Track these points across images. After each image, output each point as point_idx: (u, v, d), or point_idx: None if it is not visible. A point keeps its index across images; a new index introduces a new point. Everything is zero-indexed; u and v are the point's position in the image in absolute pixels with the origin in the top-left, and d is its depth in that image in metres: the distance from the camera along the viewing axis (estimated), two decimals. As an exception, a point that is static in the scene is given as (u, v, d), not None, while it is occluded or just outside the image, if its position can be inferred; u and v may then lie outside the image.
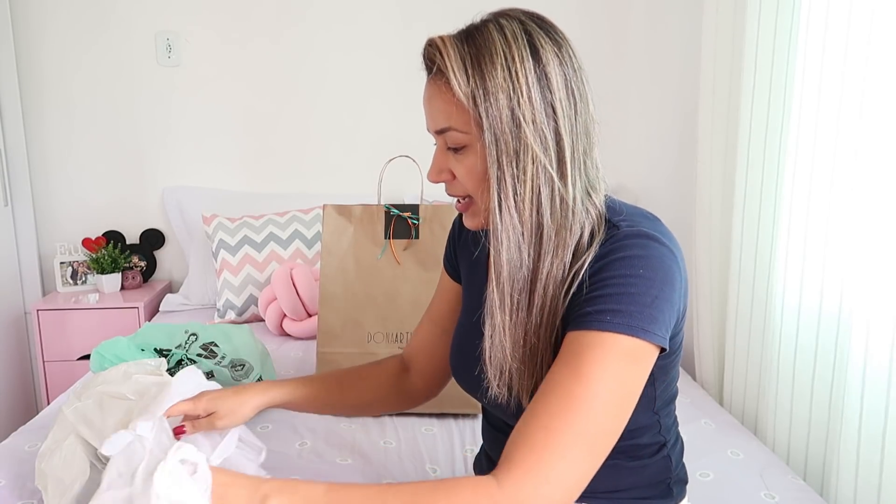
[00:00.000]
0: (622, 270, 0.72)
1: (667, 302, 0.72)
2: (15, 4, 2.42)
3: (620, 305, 0.71)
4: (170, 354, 1.39)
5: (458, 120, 0.76)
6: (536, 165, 0.73)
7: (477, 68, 0.73)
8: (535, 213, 0.75)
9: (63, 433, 1.06)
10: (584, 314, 0.73)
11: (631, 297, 0.71)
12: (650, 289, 0.71)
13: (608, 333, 0.71)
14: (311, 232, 2.32)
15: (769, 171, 1.52)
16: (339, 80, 2.57)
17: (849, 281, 1.28)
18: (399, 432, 1.40)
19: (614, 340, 0.70)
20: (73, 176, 2.55)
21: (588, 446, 0.69)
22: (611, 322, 0.71)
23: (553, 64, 0.74)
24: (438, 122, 0.78)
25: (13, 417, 2.37)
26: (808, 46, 1.37)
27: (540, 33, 0.75)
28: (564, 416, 0.69)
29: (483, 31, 0.75)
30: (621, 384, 0.71)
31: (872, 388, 1.18)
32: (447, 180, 0.82)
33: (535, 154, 0.73)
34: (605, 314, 0.71)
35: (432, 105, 0.79)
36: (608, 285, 0.72)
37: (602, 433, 0.70)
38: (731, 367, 1.69)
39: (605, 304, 0.72)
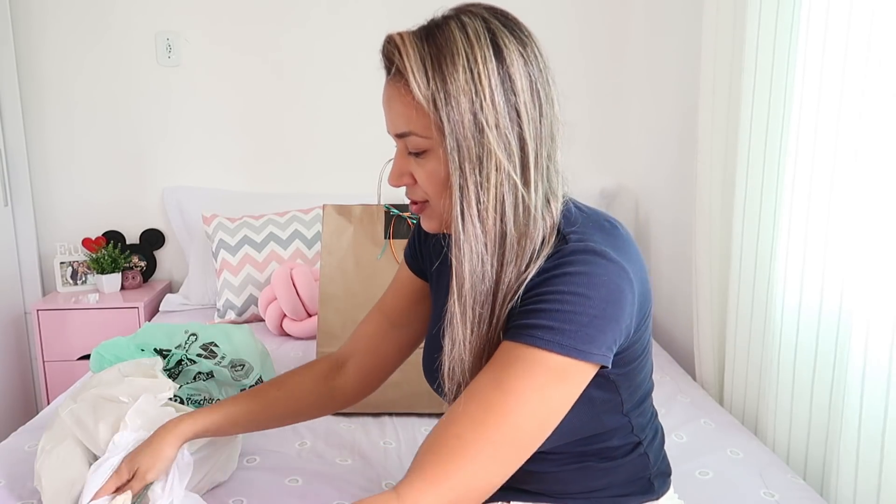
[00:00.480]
0: (562, 287, 0.69)
1: (610, 321, 0.69)
2: (15, 4, 2.42)
3: (554, 322, 0.68)
4: (170, 354, 1.39)
5: (418, 124, 0.73)
6: (500, 172, 0.70)
7: (437, 70, 0.70)
8: (499, 221, 0.72)
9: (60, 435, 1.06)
10: (519, 326, 0.71)
11: (567, 316, 0.68)
12: (589, 308, 0.68)
13: (537, 349, 0.68)
14: (311, 232, 2.32)
15: (769, 171, 1.52)
16: (340, 79, 2.57)
17: (849, 281, 1.28)
18: (399, 432, 1.40)
19: (543, 357, 0.68)
20: (73, 176, 2.55)
21: (497, 457, 0.68)
22: (542, 338, 0.68)
23: (517, 64, 0.71)
24: (398, 126, 0.75)
25: (13, 417, 2.37)
26: (808, 46, 1.37)
27: (504, 31, 0.72)
28: (479, 427, 0.68)
29: (444, 30, 0.72)
30: (543, 401, 0.69)
31: (872, 388, 1.18)
32: (408, 184, 0.79)
33: (499, 160, 0.70)
34: (537, 329, 0.69)
35: (391, 108, 0.76)
36: (546, 300, 0.70)
37: (513, 446, 0.69)
38: (732, 367, 1.69)
39: (539, 319, 0.69)
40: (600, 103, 2.58)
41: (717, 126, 1.72)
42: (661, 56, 2.33)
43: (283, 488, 1.16)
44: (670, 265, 2.31)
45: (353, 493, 1.16)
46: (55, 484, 1.00)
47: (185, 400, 1.36)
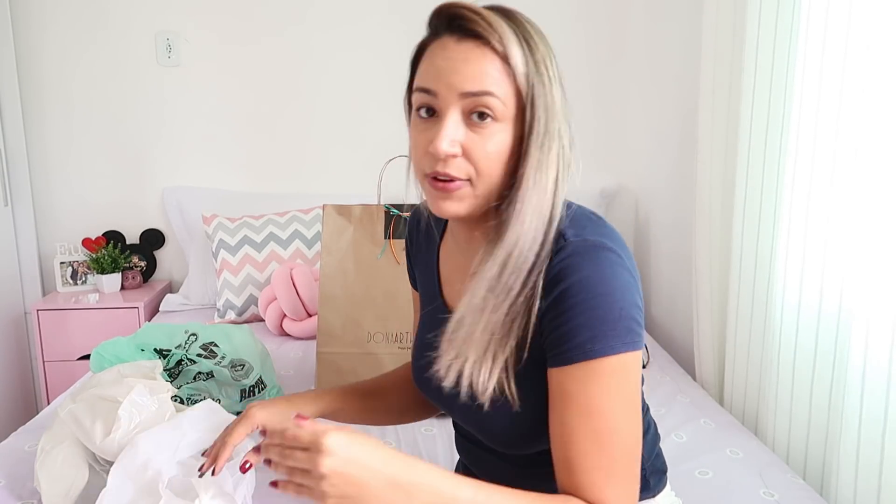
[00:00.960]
0: (582, 295, 0.71)
1: (632, 307, 0.72)
2: (15, 4, 2.42)
3: (594, 330, 0.70)
4: (170, 354, 1.39)
5: (503, 90, 0.72)
6: (560, 149, 0.74)
7: (527, 44, 0.73)
8: (554, 196, 0.74)
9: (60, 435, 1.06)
10: (565, 350, 0.72)
11: (601, 319, 0.70)
12: (614, 303, 0.71)
13: (595, 361, 0.71)
14: (311, 232, 2.32)
15: (769, 171, 1.52)
16: (340, 79, 2.57)
17: (849, 281, 1.28)
18: (399, 433, 1.40)
19: (604, 365, 0.71)
20: (73, 176, 2.55)
21: (633, 461, 0.74)
22: (592, 349, 0.70)
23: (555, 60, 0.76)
24: (479, 84, 0.71)
25: (13, 417, 2.37)
26: (807, 46, 1.37)
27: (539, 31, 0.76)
28: (605, 453, 0.71)
29: (515, 17, 0.75)
30: (626, 399, 0.73)
31: (872, 388, 1.18)
32: (454, 155, 0.73)
33: (562, 139, 0.74)
34: (585, 344, 0.71)
35: (472, 66, 0.72)
36: (576, 315, 0.71)
37: (635, 444, 0.74)
38: (732, 367, 1.69)
39: (580, 335, 0.71)
40: (600, 103, 2.58)
41: (717, 126, 1.72)
42: (661, 56, 2.33)
43: (283, 488, 1.16)
44: (670, 265, 2.31)
45: (353, 493, 1.16)
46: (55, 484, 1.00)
47: (185, 400, 1.36)
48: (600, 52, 2.57)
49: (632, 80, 2.55)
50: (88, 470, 1.02)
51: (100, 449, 0.99)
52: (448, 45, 0.73)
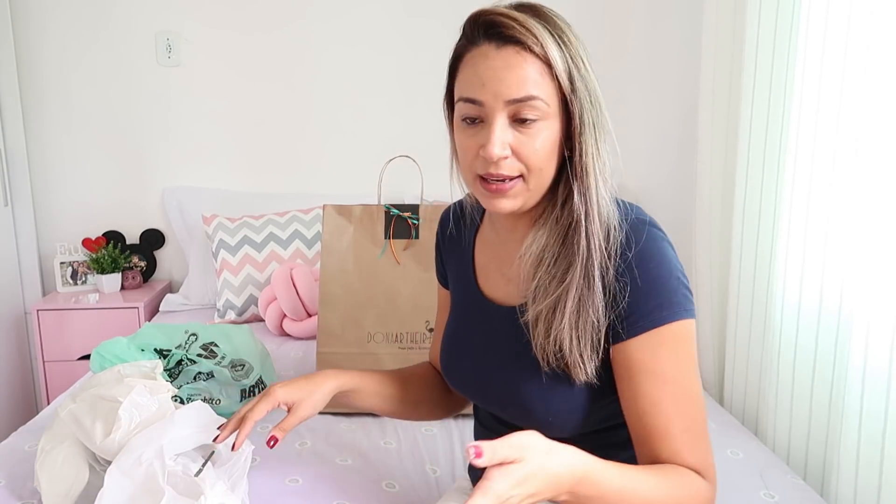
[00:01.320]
0: (644, 265, 0.76)
1: (683, 276, 0.78)
2: (15, 4, 2.42)
3: (659, 298, 0.76)
4: (170, 355, 1.39)
5: (546, 91, 0.76)
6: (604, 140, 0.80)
7: (563, 43, 0.76)
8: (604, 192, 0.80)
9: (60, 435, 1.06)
10: (634, 321, 0.76)
11: (664, 286, 0.76)
12: (672, 272, 0.77)
13: (663, 327, 0.76)
14: (311, 232, 2.32)
15: (769, 170, 1.52)
16: (339, 80, 2.57)
17: (849, 281, 1.28)
18: (399, 432, 1.40)
19: (671, 331, 0.76)
20: (73, 176, 2.55)
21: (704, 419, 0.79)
22: (660, 317, 0.75)
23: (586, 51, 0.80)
24: (523, 91, 0.75)
25: (13, 417, 2.37)
26: (807, 46, 1.37)
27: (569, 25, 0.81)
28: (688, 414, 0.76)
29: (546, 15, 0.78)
30: (693, 363, 0.78)
31: (872, 388, 1.18)
32: (507, 156, 0.78)
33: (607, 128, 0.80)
34: (653, 312, 0.75)
35: (515, 73, 0.75)
36: (639, 286, 0.76)
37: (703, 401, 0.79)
38: (732, 367, 1.69)
39: (647, 304, 0.76)
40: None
41: (717, 126, 1.72)
42: (661, 56, 2.33)
43: (283, 488, 1.16)
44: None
45: (353, 493, 1.16)
46: (55, 484, 1.00)
47: (185, 400, 1.36)
48: (600, 52, 2.56)
49: (632, 80, 2.55)
50: (88, 470, 1.02)
51: (100, 449, 0.99)
52: (489, 54, 0.77)
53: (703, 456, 0.77)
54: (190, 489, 0.88)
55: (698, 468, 0.76)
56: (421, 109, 2.53)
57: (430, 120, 2.51)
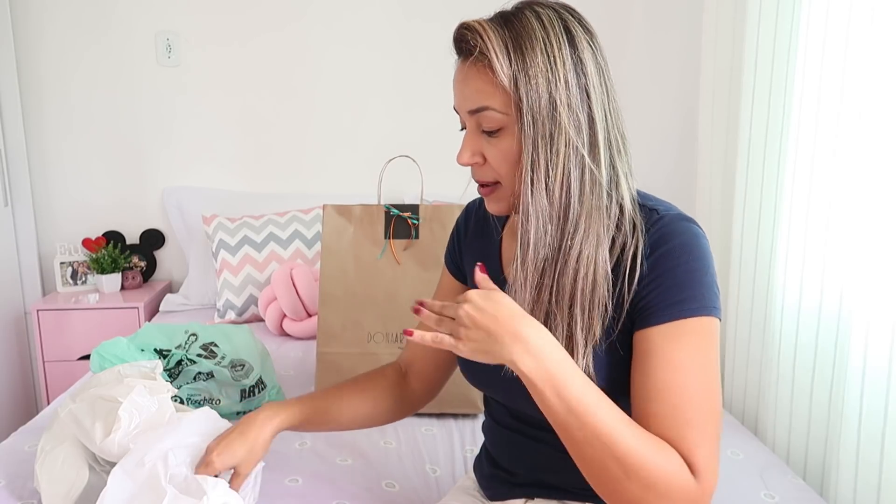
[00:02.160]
0: (682, 258, 0.76)
1: (715, 277, 0.78)
2: (15, 4, 2.42)
3: (693, 290, 0.75)
4: (170, 355, 1.39)
5: (498, 101, 0.77)
6: (569, 147, 0.76)
7: (518, 52, 0.76)
8: (565, 194, 0.77)
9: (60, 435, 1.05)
10: (662, 307, 0.76)
11: (699, 281, 0.75)
12: (707, 269, 0.76)
13: (692, 319, 0.75)
14: (311, 232, 2.32)
15: (769, 170, 1.52)
16: (339, 80, 2.57)
17: (849, 281, 1.28)
18: (399, 432, 1.40)
19: (700, 325, 0.75)
20: (73, 176, 2.55)
21: (717, 423, 0.75)
22: (690, 308, 0.75)
23: (586, 50, 0.78)
24: (476, 102, 0.79)
25: (13, 417, 2.37)
26: (807, 46, 1.37)
27: (573, 21, 0.79)
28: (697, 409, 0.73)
29: (521, 17, 0.78)
30: (713, 361, 0.76)
31: (872, 388, 1.18)
32: (478, 164, 0.82)
33: (569, 136, 0.76)
34: (683, 303, 0.75)
35: (469, 86, 0.79)
36: (674, 275, 0.76)
37: (719, 407, 0.76)
38: (732, 367, 1.69)
39: (680, 294, 0.75)
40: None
41: (717, 126, 1.72)
42: (662, 56, 2.33)
43: (283, 488, 1.16)
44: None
45: (353, 492, 1.16)
46: (55, 484, 1.00)
47: (186, 400, 1.36)
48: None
49: (632, 80, 2.55)
50: (88, 470, 1.01)
51: (100, 449, 0.99)
52: (458, 67, 0.81)
53: (702, 455, 0.72)
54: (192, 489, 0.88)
55: (691, 463, 0.72)
56: (421, 110, 2.53)
57: (430, 120, 2.52)
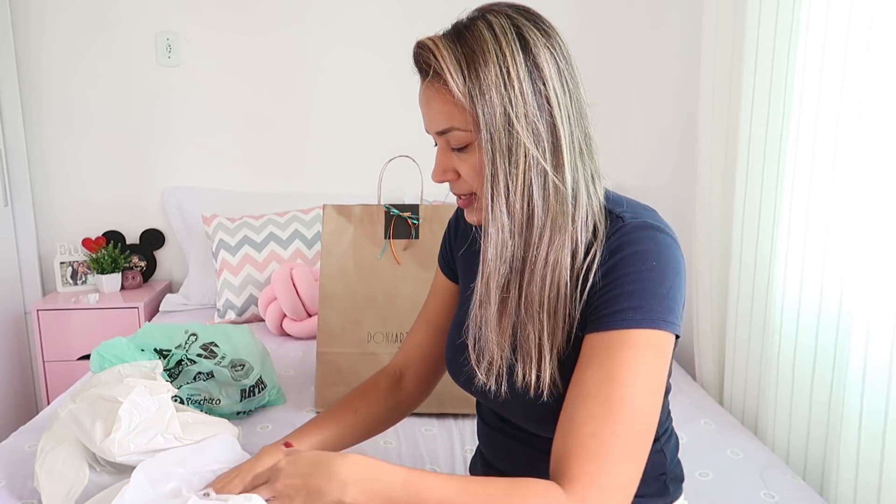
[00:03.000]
0: (636, 266, 0.74)
1: (678, 291, 0.75)
2: (15, 4, 2.42)
3: (640, 301, 0.73)
4: (170, 355, 1.39)
5: (459, 120, 0.76)
6: (528, 159, 0.74)
7: (472, 68, 0.74)
8: (526, 206, 0.76)
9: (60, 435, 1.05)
10: (606, 314, 0.74)
11: (649, 291, 0.73)
12: (664, 280, 0.73)
13: (633, 330, 0.72)
14: (311, 232, 2.31)
15: (769, 171, 1.52)
16: (339, 80, 2.57)
17: (848, 281, 1.28)
18: (399, 432, 1.40)
19: (640, 336, 0.72)
20: (73, 176, 2.55)
21: (636, 445, 0.71)
22: (633, 318, 0.72)
23: (544, 55, 0.75)
24: (440, 124, 0.79)
25: (13, 417, 2.37)
26: (807, 47, 1.37)
27: (528, 26, 0.76)
28: (609, 422, 0.70)
29: (473, 30, 0.76)
30: (652, 378, 0.72)
31: (872, 388, 1.18)
32: (451, 179, 0.83)
33: (528, 148, 0.74)
34: (626, 312, 0.73)
35: (431, 108, 0.79)
36: (625, 283, 0.74)
37: (645, 428, 0.72)
38: (731, 367, 1.69)
39: (625, 302, 0.73)
40: (600, 103, 2.57)
41: (717, 126, 1.72)
42: (661, 56, 2.33)
43: (283, 488, 1.15)
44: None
45: (353, 493, 1.16)
46: (55, 484, 1.00)
47: (186, 400, 1.36)
48: (600, 52, 2.57)
49: (632, 80, 2.55)
50: (88, 470, 1.01)
51: (100, 449, 0.99)
52: (420, 89, 0.80)
53: (592, 471, 0.68)
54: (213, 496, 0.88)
55: (574, 480, 0.68)
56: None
57: (430, 120, 2.52)
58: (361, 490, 0.69)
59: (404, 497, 0.69)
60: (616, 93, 2.59)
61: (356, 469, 0.70)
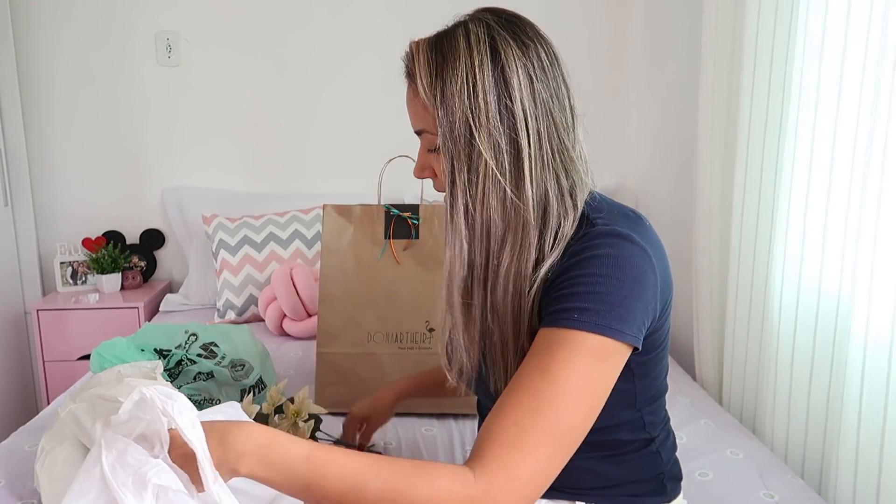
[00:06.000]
0: (592, 269, 0.73)
1: (637, 301, 0.73)
2: (15, 4, 2.42)
3: (589, 304, 0.71)
4: (170, 355, 1.39)
5: (429, 123, 0.79)
6: (487, 170, 0.75)
7: (439, 74, 0.76)
8: (484, 215, 0.76)
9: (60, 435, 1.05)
10: (555, 311, 0.74)
11: (600, 296, 0.71)
12: (620, 288, 0.72)
13: (576, 331, 0.71)
14: (311, 232, 2.32)
15: (768, 170, 1.52)
16: (340, 79, 2.57)
17: (846, 280, 1.28)
18: (399, 432, 1.40)
19: (582, 338, 0.71)
20: (73, 176, 2.55)
21: (556, 444, 0.69)
22: (579, 320, 0.71)
23: (514, 67, 0.75)
24: (415, 124, 0.83)
25: (13, 417, 2.37)
26: (806, 46, 1.37)
27: (504, 36, 0.76)
28: (534, 414, 0.69)
29: (451, 36, 0.78)
30: (589, 382, 0.71)
31: (871, 387, 1.18)
32: (430, 177, 0.86)
33: (487, 160, 0.75)
34: (573, 312, 0.72)
35: (410, 108, 0.83)
36: (578, 283, 0.73)
37: (570, 430, 0.70)
38: (730, 367, 1.69)
39: (574, 302, 0.72)
40: (600, 103, 2.58)
41: (716, 126, 1.72)
42: (661, 56, 2.33)
43: (283, 488, 1.15)
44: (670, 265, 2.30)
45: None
46: (55, 484, 1.00)
47: (185, 400, 1.36)
48: (601, 52, 2.57)
49: (632, 80, 2.55)
50: (88, 470, 1.01)
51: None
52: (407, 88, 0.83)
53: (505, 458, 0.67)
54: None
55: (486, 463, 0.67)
56: (421, 109, 2.53)
57: (430, 120, 2.52)
58: (258, 461, 0.67)
59: (304, 472, 0.66)
60: (616, 93, 2.59)
61: (254, 439, 0.68)
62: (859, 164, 1.24)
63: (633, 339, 0.73)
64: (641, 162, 2.50)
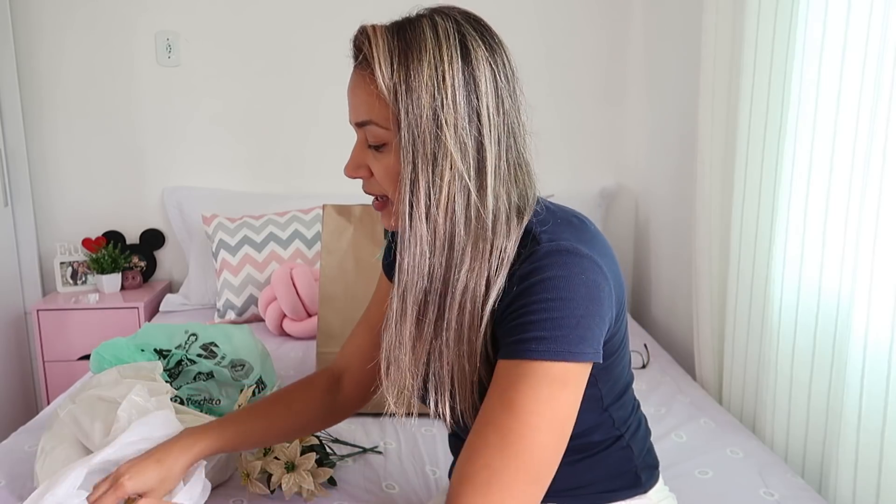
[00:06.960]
0: (544, 293, 0.69)
1: (594, 317, 0.70)
2: (15, 4, 2.42)
3: (545, 331, 0.69)
4: (170, 355, 1.39)
5: (379, 114, 0.72)
6: (454, 172, 0.70)
7: (403, 63, 0.70)
8: (448, 221, 0.71)
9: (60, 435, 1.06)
10: (513, 342, 0.71)
11: (555, 322, 0.69)
12: (575, 309, 0.69)
13: (537, 362, 0.69)
14: (311, 232, 2.32)
15: (768, 171, 1.52)
16: (340, 79, 2.56)
17: (846, 280, 1.28)
18: (399, 433, 1.40)
19: (544, 369, 0.69)
20: (73, 176, 2.55)
21: (530, 479, 0.69)
22: (537, 350, 0.69)
23: (483, 69, 0.71)
24: (359, 115, 0.75)
25: (13, 417, 2.37)
26: (806, 46, 1.37)
27: (474, 36, 0.72)
28: (503, 453, 0.68)
29: (416, 26, 0.72)
30: (555, 411, 0.69)
31: (871, 386, 1.18)
32: (364, 177, 0.78)
33: (454, 160, 0.70)
34: (531, 342, 0.69)
35: (355, 96, 0.75)
36: (532, 311, 0.70)
37: (542, 463, 0.69)
38: (730, 366, 1.69)
39: (531, 332, 0.69)
40: (600, 103, 2.58)
41: (716, 126, 1.72)
42: (661, 56, 2.33)
43: (283, 488, 1.16)
44: (670, 265, 2.31)
45: (353, 493, 1.16)
46: (55, 484, 1.00)
47: (185, 400, 1.36)
48: (600, 52, 2.57)
49: (632, 80, 2.55)
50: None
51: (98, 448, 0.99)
52: (351, 74, 0.76)
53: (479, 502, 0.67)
54: None
55: None
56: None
57: (430, 120, 2.52)
58: None
59: None
60: (616, 93, 2.59)
61: None
62: (859, 165, 1.24)
63: (593, 355, 0.71)
64: (641, 162, 2.50)
